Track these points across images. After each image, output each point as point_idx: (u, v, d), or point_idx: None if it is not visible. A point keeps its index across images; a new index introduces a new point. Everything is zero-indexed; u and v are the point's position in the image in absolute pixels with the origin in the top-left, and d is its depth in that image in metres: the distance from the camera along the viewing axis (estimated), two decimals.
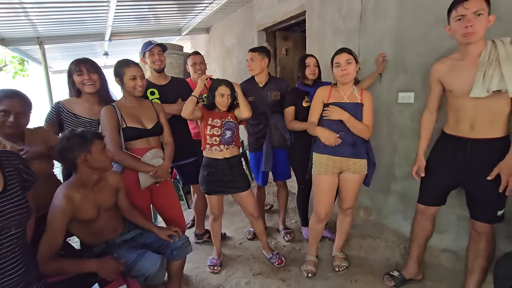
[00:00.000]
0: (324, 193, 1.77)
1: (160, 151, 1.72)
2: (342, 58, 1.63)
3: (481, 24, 1.23)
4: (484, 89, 1.25)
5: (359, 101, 1.69)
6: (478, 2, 1.21)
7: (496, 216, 1.36)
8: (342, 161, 1.72)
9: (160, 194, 1.78)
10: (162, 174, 1.64)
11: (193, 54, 2.51)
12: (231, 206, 2.97)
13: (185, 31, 4.79)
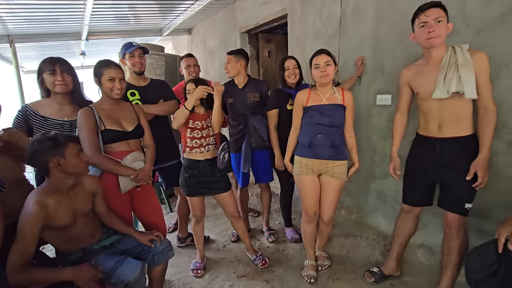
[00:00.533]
0: (308, 190, 1.79)
1: (141, 154, 1.68)
2: (321, 59, 1.65)
3: (442, 30, 1.33)
4: (444, 91, 1.35)
5: (341, 102, 1.71)
6: (437, 10, 1.32)
7: (464, 208, 1.44)
8: (321, 163, 1.74)
9: (141, 199, 1.73)
10: (143, 177, 1.60)
11: (187, 57, 2.48)
12: (214, 208, 2.95)
13: (167, 31, 4.71)
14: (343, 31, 2.31)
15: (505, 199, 1.52)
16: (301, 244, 2.24)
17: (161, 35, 4.92)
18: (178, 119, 1.76)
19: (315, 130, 1.72)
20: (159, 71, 3.31)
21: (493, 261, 1.16)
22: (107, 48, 5.91)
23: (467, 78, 1.30)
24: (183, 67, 2.48)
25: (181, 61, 2.51)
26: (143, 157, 1.68)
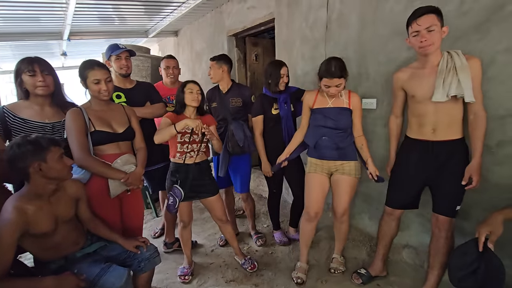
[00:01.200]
0: (313, 189, 1.82)
1: (132, 157, 1.64)
2: (332, 83, 1.63)
3: (434, 38, 1.35)
4: (444, 94, 1.38)
5: (346, 106, 1.73)
6: (430, 18, 1.33)
7: (454, 210, 1.49)
8: (329, 163, 1.79)
9: (129, 203, 1.68)
10: (134, 181, 1.55)
11: (167, 58, 2.45)
12: (201, 212, 2.91)
13: (153, 33, 4.65)
14: (329, 36, 2.36)
15: (484, 200, 1.59)
16: (289, 247, 2.26)
17: (147, 36, 4.85)
18: (163, 136, 1.72)
19: (320, 132, 1.76)
20: (145, 73, 3.25)
21: (474, 259, 1.21)
22: (90, 49, 5.75)
23: (466, 82, 1.33)
24: (162, 68, 2.46)
25: (162, 61, 2.48)
26: (134, 160, 1.64)
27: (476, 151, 1.40)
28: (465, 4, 1.55)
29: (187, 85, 1.78)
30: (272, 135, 2.10)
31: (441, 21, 1.36)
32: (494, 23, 1.46)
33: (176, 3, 3.40)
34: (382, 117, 2.03)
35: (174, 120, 1.76)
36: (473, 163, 1.41)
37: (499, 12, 1.44)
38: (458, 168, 1.44)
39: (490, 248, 1.18)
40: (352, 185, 1.78)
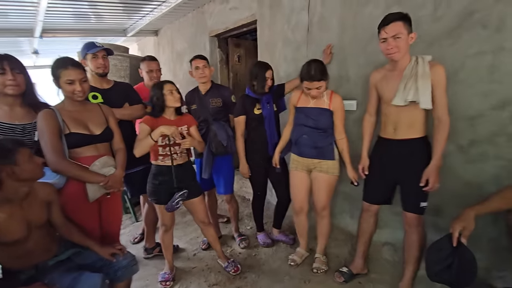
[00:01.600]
0: (295, 186, 1.94)
1: (111, 159, 1.57)
2: (312, 85, 1.69)
3: (400, 45, 1.41)
4: (402, 99, 1.44)
5: (327, 107, 1.76)
6: (397, 26, 1.38)
7: (420, 207, 1.55)
8: (307, 160, 1.85)
9: (108, 207, 1.61)
10: (114, 184, 1.49)
11: (149, 60, 2.36)
12: (183, 216, 2.85)
13: (131, 32, 4.52)
14: (310, 38, 2.40)
15: (457, 197, 1.66)
16: (273, 248, 2.25)
17: (126, 35, 4.71)
18: (143, 149, 1.68)
19: (301, 131, 1.82)
20: (123, 73, 3.14)
21: (449, 254, 1.26)
22: (64, 47, 5.49)
23: (423, 89, 1.40)
24: (144, 70, 2.37)
25: (142, 63, 2.38)
26: (114, 162, 1.57)
27: (435, 154, 1.45)
28: (438, 10, 1.63)
29: (165, 86, 1.72)
30: (255, 135, 2.09)
31: (409, 28, 1.41)
32: (465, 29, 1.54)
33: (156, 2, 3.32)
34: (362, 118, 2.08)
35: (152, 124, 1.71)
36: (430, 165, 1.46)
37: (469, 19, 1.52)
38: (419, 166, 1.49)
39: (464, 243, 1.23)
40: (329, 182, 1.83)
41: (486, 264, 1.60)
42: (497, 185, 1.48)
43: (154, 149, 1.74)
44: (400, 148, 1.55)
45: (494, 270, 1.60)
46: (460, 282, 1.27)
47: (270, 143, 2.07)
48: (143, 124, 1.71)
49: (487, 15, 1.46)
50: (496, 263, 1.59)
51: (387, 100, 1.54)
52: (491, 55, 1.47)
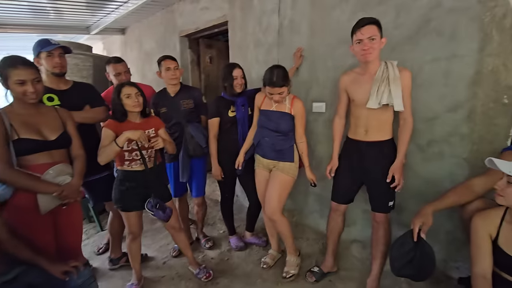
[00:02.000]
0: (259, 183, 1.98)
1: (67, 167, 1.45)
2: (274, 91, 1.69)
3: (375, 46, 1.46)
4: (376, 102, 1.50)
5: (288, 111, 1.78)
6: (372, 29, 1.45)
7: (388, 206, 1.63)
8: (267, 161, 1.89)
9: (66, 219, 1.49)
10: (70, 194, 1.38)
11: (115, 62, 2.19)
12: (153, 223, 2.73)
13: (95, 30, 4.28)
14: (281, 41, 2.42)
15: (418, 194, 1.76)
16: (246, 251, 2.23)
17: (89, 33, 4.45)
18: (107, 156, 1.58)
19: (263, 133, 1.84)
20: (85, 73, 2.96)
21: (411, 249, 1.33)
22: (19, 44, 5.05)
23: (396, 92, 1.46)
24: (111, 74, 2.19)
25: (108, 66, 2.20)
26: (71, 170, 1.46)
27: (400, 152, 1.55)
28: (399, 17, 1.72)
29: (123, 90, 1.62)
30: (227, 137, 2.07)
31: (381, 33, 1.48)
32: (422, 36, 1.64)
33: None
34: (331, 120, 2.11)
35: (116, 129, 1.61)
36: (395, 162, 1.55)
37: (426, 27, 1.62)
38: (387, 168, 1.57)
39: (423, 237, 1.31)
40: (283, 181, 1.82)
41: (444, 256, 1.72)
42: (452, 181, 1.60)
43: (120, 154, 1.65)
44: (370, 150, 1.60)
45: (450, 261, 1.72)
46: (421, 274, 1.34)
47: (241, 145, 2.05)
48: (106, 129, 1.61)
49: (442, 24, 1.56)
50: (452, 255, 1.71)
51: (359, 103, 1.59)
52: (445, 61, 1.58)
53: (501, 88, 1.43)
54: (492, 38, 1.42)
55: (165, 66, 2.05)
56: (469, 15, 1.47)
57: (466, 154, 1.58)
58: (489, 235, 1.17)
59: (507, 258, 1.13)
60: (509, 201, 1.07)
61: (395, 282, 1.75)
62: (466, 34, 1.49)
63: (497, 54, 1.41)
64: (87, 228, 2.76)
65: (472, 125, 1.54)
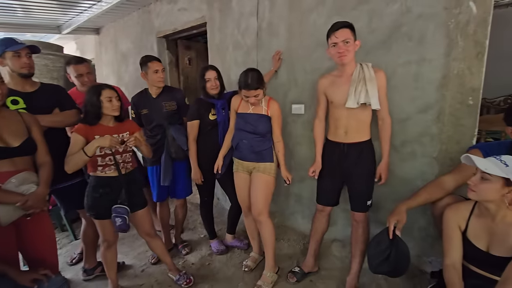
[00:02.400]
0: (239, 187, 1.96)
1: (32, 175, 1.36)
2: (250, 94, 1.70)
3: (350, 48, 1.51)
4: (355, 102, 1.54)
5: (265, 113, 1.79)
6: (345, 32, 1.49)
7: (366, 205, 1.67)
8: (247, 163, 1.87)
9: (31, 230, 1.39)
10: (34, 203, 1.29)
11: (76, 63, 2.07)
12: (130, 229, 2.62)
13: (67, 29, 4.09)
14: (260, 43, 2.43)
15: (393, 192, 1.83)
16: (227, 255, 2.21)
17: (60, 32, 4.24)
18: (75, 165, 1.50)
19: (241, 136, 1.84)
20: (56, 74, 2.82)
21: (387, 246, 1.37)
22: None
23: (372, 92, 1.51)
24: (72, 75, 2.09)
25: (68, 67, 2.09)
26: (36, 178, 1.37)
27: (384, 152, 1.62)
28: (372, 22, 1.78)
29: (104, 92, 1.55)
30: (207, 140, 2.04)
31: (355, 36, 1.53)
32: (394, 40, 1.71)
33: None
34: (310, 121, 2.17)
35: (87, 134, 1.54)
36: (382, 163, 1.63)
37: (397, 32, 1.69)
38: (366, 168, 1.62)
39: (398, 235, 1.35)
40: (266, 182, 1.83)
41: (417, 252, 1.79)
42: (424, 180, 1.67)
43: (92, 159, 1.57)
44: (350, 151, 1.64)
45: (424, 256, 1.79)
46: (397, 271, 1.39)
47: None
48: (75, 135, 1.52)
49: (412, 29, 1.64)
50: (425, 250, 1.78)
51: (338, 104, 1.62)
52: (415, 65, 1.65)
53: (466, 90, 1.51)
54: (457, 44, 1.50)
55: (154, 68, 1.99)
56: (436, 21, 1.55)
57: (436, 154, 1.65)
58: (459, 226, 1.24)
59: (474, 250, 1.20)
60: (481, 196, 1.13)
61: (373, 279, 1.80)
62: (434, 39, 1.57)
63: (462, 58, 1.50)
64: (60, 238, 2.62)
65: (441, 125, 1.62)
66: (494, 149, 1.33)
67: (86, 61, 2.14)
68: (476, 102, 1.50)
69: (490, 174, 1.07)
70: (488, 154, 1.29)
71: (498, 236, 1.15)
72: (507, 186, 1.06)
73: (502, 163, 1.06)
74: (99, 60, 4.80)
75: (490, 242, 1.18)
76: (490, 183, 1.08)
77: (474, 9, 1.44)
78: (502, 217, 1.13)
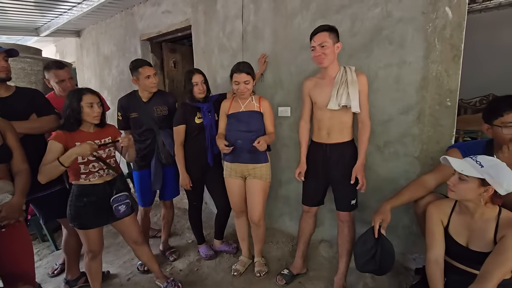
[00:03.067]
0: (232, 193, 1.95)
1: (7, 184, 1.30)
2: (241, 78, 1.73)
3: (326, 52, 1.54)
4: (336, 104, 1.57)
5: (257, 109, 1.81)
6: (322, 36, 1.53)
7: (351, 205, 1.70)
8: (241, 167, 1.85)
9: (6, 242, 1.32)
10: (9, 214, 1.23)
11: (56, 68, 1.98)
12: (115, 237, 2.55)
13: (46, 31, 3.96)
14: (245, 46, 2.44)
15: (378, 192, 1.86)
16: (215, 260, 2.18)
17: (38, 35, 4.10)
18: (50, 175, 1.42)
19: (235, 136, 1.82)
20: (34, 78, 2.71)
21: (372, 245, 1.39)
22: None
23: (353, 94, 1.55)
24: (52, 81, 2.01)
25: (47, 72, 1.99)
26: (11, 187, 1.31)
27: (360, 153, 1.64)
28: (354, 26, 1.82)
29: (85, 98, 1.49)
30: (194, 144, 2.02)
31: (335, 38, 1.55)
32: (376, 44, 1.75)
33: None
34: (296, 123, 2.17)
35: (66, 141, 1.47)
36: (357, 164, 1.64)
37: (378, 36, 1.74)
38: (348, 168, 1.65)
39: (383, 233, 1.38)
40: (263, 188, 1.87)
41: (402, 249, 1.83)
42: (407, 179, 1.71)
43: (75, 167, 1.52)
44: (333, 151, 1.67)
45: (408, 253, 1.84)
46: (383, 269, 1.41)
47: (210, 152, 2.02)
48: (53, 142, 1.45)
49: (392, 33, 1.69)
50: (409, 248, 1.83)
51: (321, 105, 1.65)
52: (396, 67, 1.70)
53: (444, 92, 1.57)
54: (435, 47, 1.56)
55: (146, 73, 1.95)
56: (415, 26, 1.61)
57: (417, 153, 1.71)
58: (441, 222, 1.28)
59: (455, 245, 1.25)
60: (460, 196, 1.17)
61: (360, 278, 1.82)
62: (413, 43, 1.62)
63: (440, 61, 1.56)
64: (40, 248, 2.52)
65: (421, 126, 1.67)
66: (471, 148, 1.39)
67: (66, 66, 2.06)
68: (453, 103, 1.56)
69: (467, 175, 1.11)
70: (466, 153, 1.34)
71: (477, 232, 1.20)
72: (482, 186, 1.10)
73: (477, 164, 1.11)
74: (80, 63, 4.66)
75: (469, 238, 1.22)
76: (467, 183, 1.13)
77: (450, 14, 1.50)
78: (480, 215, 1.18)
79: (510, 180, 1.06)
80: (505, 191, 1.07)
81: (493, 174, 1.07)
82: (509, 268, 1.08)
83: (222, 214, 2.17)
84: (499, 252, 1.09)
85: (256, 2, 2.29)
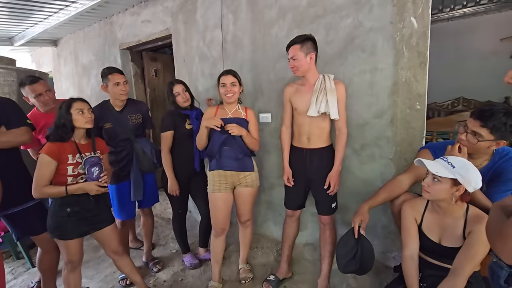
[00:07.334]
0: (218, 209, 1.83)
1: None
2: (227, 79, 1.76)
3: (297, 64, 1.61)
4: (316, 111, 1.62)
5: (244, 117, 1.82)
6: (293, 50, 1.61)
7: (331, 208, 1.75)
8: (232, 176, 1.80)
9: None
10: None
11: (31, 83, 1.89)
12: (96, 250, 2.47)
13: (20, 41, 3.84)
14: (225, 55, 2.47)
15: (356, 193, 1.92)
16: (200, 269, 2.16)
17: (12, 44, 3.97)
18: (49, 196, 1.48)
19: (223, 141, 1.78)
20: (8, 89, 2.61)
21: (353, 246, 1.43)
22: None
23: (332, 102, 1.61)
24: (30, 97, 1.93)
25: (23, 88, 1.91)
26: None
27: (336, 161, 1.69)
28: (329, 35, 1.90)
29: (74, 104, 1.50)
30: (181, 150, 2.01)
31: (308, 49, 1.60)
32: (349, 52, 1.83)
33: (52, 8, 2.92)
34: (277, 129, 2.22)
35: (59, 155, 1.45)
36: (332, 171, 1.69)
37: (351, 44, 1.82)
38: (327, 172, 1.70)
39: (363, 233, 1.42)
40: (254, 194, 1.90)
41: (382, 249, 1.89)
42: (383, 180, 1.79)
43: (61, 179, 1.49)
44: (313, 156, 1.72)
45: (387, 252, 1.90)
46: (364, 268, 1.45)
47: (197, 156, 2.02)
48: (46, 157, 1.42)
49: (364, 41, 1.77)
50: (388, 246, 1.89)
51: (301, 111, 1.70)
52: (369, 74, 1.78)
53: (413, 96, 1.66)
54: (403, 54, 1.66)
55: (114, 81, 1.91)
56: (384, 34, 1.70)
57: (392, 155, 1.78)
58: (415, 220, 1.34)
59: (428, 242, 1.31)
60: (434, 196, 1.23)
61: (343, 279, 1.86)
62: (384, 50, 1.71)
63: (408, 67, 1.65)
64: (14, 266, 2.39)
65: (394, 129, 1.75)
66: (440, 148, 1.47)
67: (41, 79, 1.98)
68: (422, 107, 1.65)
69: (441, 176, 1.17)
70: (436, 153, 1.42)
71: (448, 229, 1.26)
72: (454, 185, 1.17)
73: (449, 165, 1.17)
74: (57, 73, 4.54)
75: (441, 235, 1.29)
76: (441, 184, 1.19)
77: (415, 23, 1.60)
78: (451, 212, 1.25)
79: (477, 178, 1.14)
80: (473, 188, 1.14)
81: (464, 174, 1.13)
82: (478, 261, 1.15)
83: (206, 223, 2.15)
84: (468, 247, 1.16)
85: (234, 12, 2.34)
